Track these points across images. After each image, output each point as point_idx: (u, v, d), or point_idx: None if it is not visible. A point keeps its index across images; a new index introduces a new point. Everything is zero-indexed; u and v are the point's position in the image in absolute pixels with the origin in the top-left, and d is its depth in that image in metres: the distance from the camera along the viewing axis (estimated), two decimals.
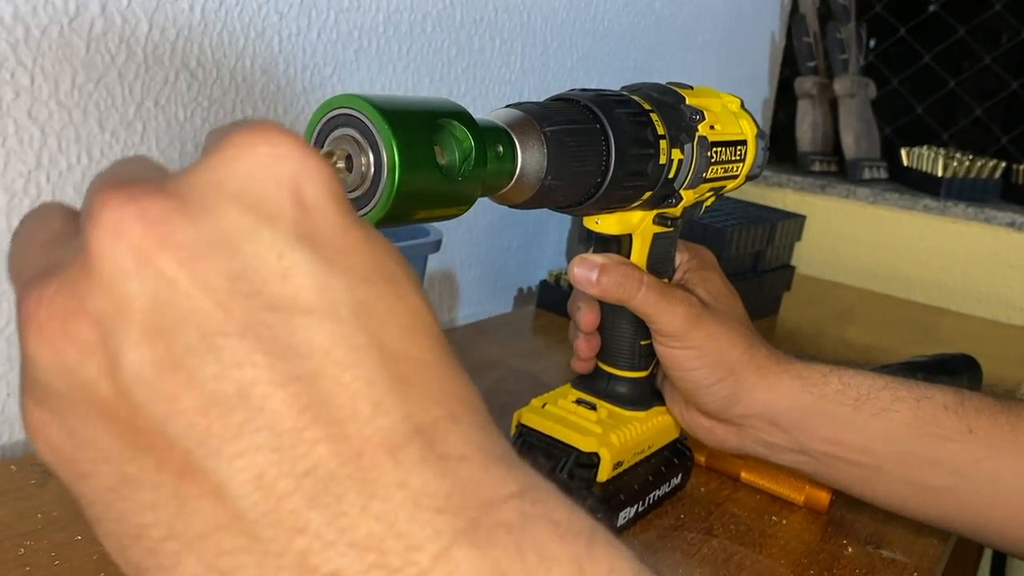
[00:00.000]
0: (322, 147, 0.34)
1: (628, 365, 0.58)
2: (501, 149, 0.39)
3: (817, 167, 1.55)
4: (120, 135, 0.60)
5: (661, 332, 0.53)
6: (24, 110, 0.55)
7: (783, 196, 1.51)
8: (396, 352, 0.20)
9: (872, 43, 1.67)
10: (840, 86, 1.50)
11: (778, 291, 1.14)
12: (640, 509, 0.57)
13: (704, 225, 0.98)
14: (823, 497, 0.62)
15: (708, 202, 0.60)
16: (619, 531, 0.55)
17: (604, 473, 0.55)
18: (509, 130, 0.41)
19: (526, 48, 0.97)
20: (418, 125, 0.34)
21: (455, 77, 0.88)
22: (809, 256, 1.40)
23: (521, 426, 0.58)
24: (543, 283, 1.01)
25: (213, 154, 0.20)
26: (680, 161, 0.51)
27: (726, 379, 0.53)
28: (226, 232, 0.19)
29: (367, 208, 0.34)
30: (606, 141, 0.45)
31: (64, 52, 0.56)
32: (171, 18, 0.61)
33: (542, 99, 0.47)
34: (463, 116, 0.37)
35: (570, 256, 1.13)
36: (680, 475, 0.62)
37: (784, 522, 0.61)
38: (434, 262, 0.94)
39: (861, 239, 1.45)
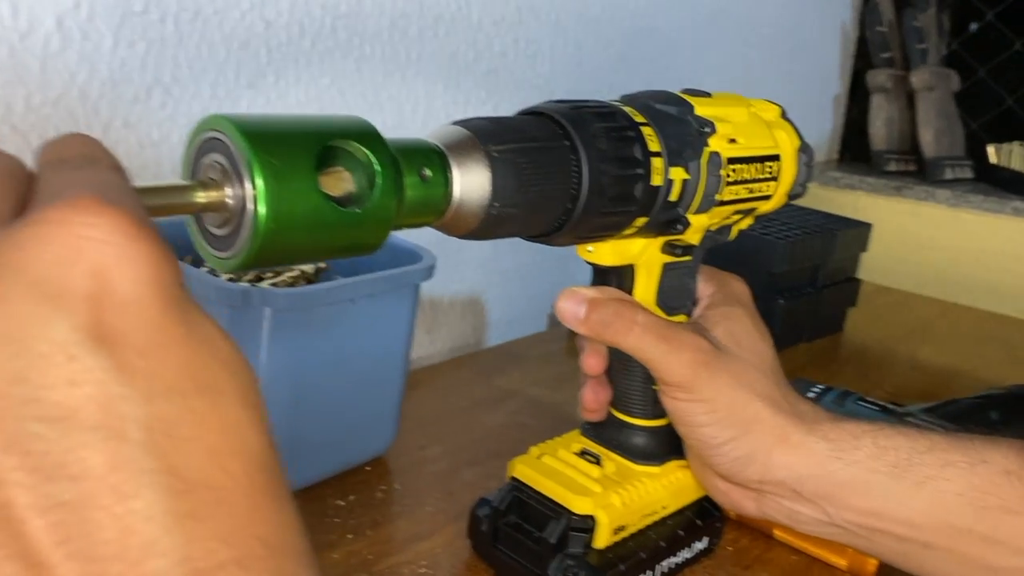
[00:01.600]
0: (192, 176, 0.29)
1: (642, 412, 0.51)
2: (429, 172, 0.33)
3: (892, 167, 1.43)
4: None
5: (663, 381, 0.46)
6: None
7: (854, 199, 1.39)
8: (192, 480, 0.18)
9: (956, 30, 1.53)
10: (918, 79, 1.38)
11: (841, 306, 1.04)
12: None
13: (754, 237, 0.89)
14: (870, 563, 0.54)
15: (741, 225, 0.52)
16: None
17: (602, 539, 0.48)
18: (444, 150, 0.35)
19: (555, 49, 0.90)
20: (296, 148, 0.28)
21: (474, 82, 0.82)
22: (881, 265, 1.28)
23: (513, 479, 0.51)
24: None
25: (23, 227, 0.18)
26: (684, 182, 0.44)
27: (739, 439, 0.45)
28: (14, 325, 0.17)
29: (232, 249, 0.28)
30: (577, 161, 0.38)
31: (16, 72, 0.52)
32: (140, 31, 0.57)
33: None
34: (367, 136, 0.30)
35: None
36: (706, 539, 0.54)
37: None
38: (454, 283, 0.88)
39: (941, 246, 1.33)
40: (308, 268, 0.63)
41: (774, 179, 0.50)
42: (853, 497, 0.44)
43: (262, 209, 0.27)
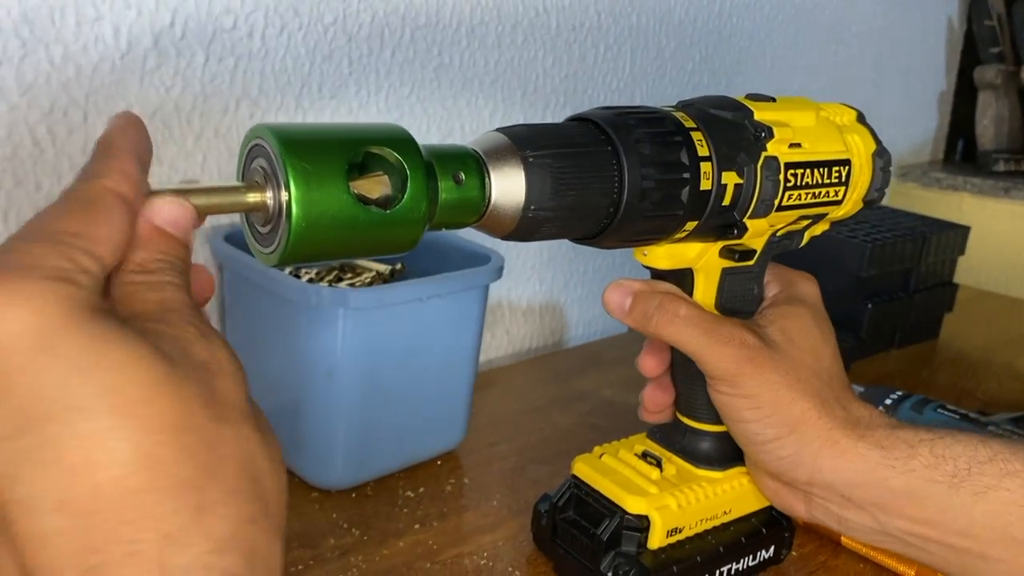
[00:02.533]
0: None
1: (707, 416, 0.51)
2: (463, 176, 0.35)
3: (1001, 167, 1.36)
4: (179, 166, 0.60)
5: (707, 374, 0.46)
6: (79, 147, 0.56)
7: (958, 200, 1.34)
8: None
9: None
10: None
11: (937, 312, 1.00)
12: None
13: (839, 240, 0.88)
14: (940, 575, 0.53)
15: (815, 231, 0.52)
16: None
17: (656, 540, 0.48)
18: (481, 155, 0.36)
19: (636, 53, 0.90)
20: (328, 154, 0.30)
21: (552, 88, 0.83)
22: (985, 269, 1.23)
23: (573, 476, 0.53)
24: None
25: None
26: (737, 186, 0.44)
27: (785, 438, 0.45)
28: None
29: (272, 246, 0.31)
30: (618, 166, 0.39)
31: (117, 88, 0.56)
32: (229, 47, 0.60)
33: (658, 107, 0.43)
34: (399, 142, 0.33)
35: None
36: (772, 548, 0.54)
37: None
38: (533, 284, 0.89)
39: None
40: (383, 268, 0.66)
41: (843, 184, 0.49)
42: (907, 506, 0.43)
43: (295, 210, 0.30)
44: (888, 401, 0.66)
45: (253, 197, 0.31)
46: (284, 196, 0.30)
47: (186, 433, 0.24)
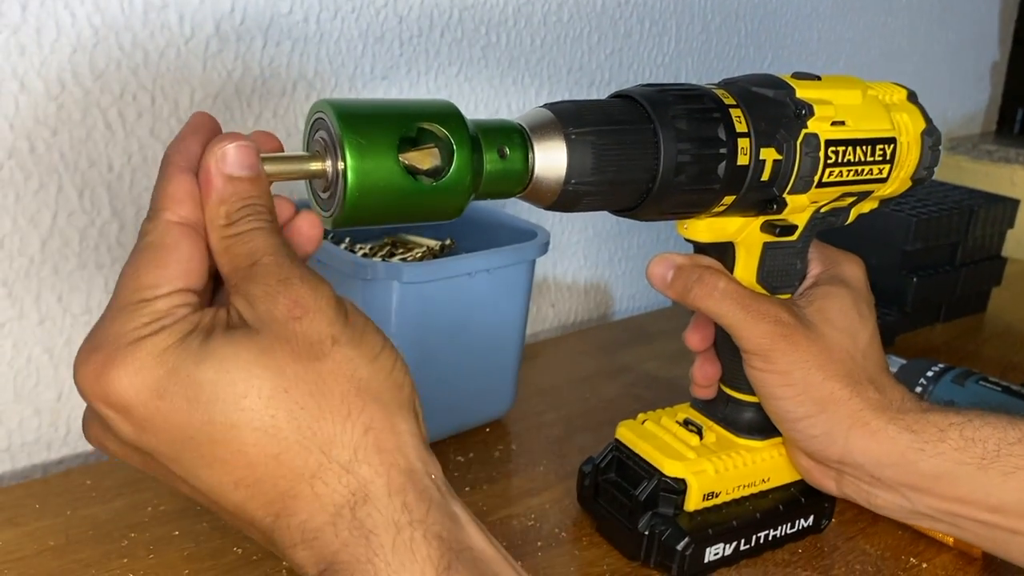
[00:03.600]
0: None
1: (748, 388, 0.52)
2: (508, 150, 0.38)
3: None
4: None
5: (742, 348, 0.48)
6: (147, 129, 0.59)
7: (1010, 173, 1.32)
8: None
9: None
10: None
11: (984, 285, 1.00)
12: (744, 547, 0.52)
13: (885, 215, 0.88)
14: None
15: (862, 208, 0.53)
16: (706, 567, 0.51)
17: (692, 502, 0.50)
18: (527, 130, 0.39)
19: (681, 27, 0.91)
20: (381, 128, 0.33)
21: (597, 64, 0.84)
22: None
23: (615, 440, 0.55)
24: None
25: None
26: (776, 162, 0.46)
27: (815, 416, 0.46)
28: None
29: (331, 210, 0.35)
30: (656, 141, 0.41)
31: (182, 72, 0.59)
32: (286, 31, 0.63)
33: (703, 83, 0.46)
34: (446, 117, 0.35)
35: None
36: (811, 517, 0.55)
37: (925, 565, 0.54)
38: (579, 259, 0.91)
39: None
40: (434, 244, 0.69)
41: (887, 162, 0.50)
42: (936, 487, 0.45)
43: (350, 178, 0.33)
44: (930, 373, 0.66)
45: (315, 165, 0.34)
46: (341, 165, 0.33)
47: (289, 392, 0.29)
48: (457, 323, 0.60)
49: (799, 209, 0.49)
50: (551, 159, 0.39)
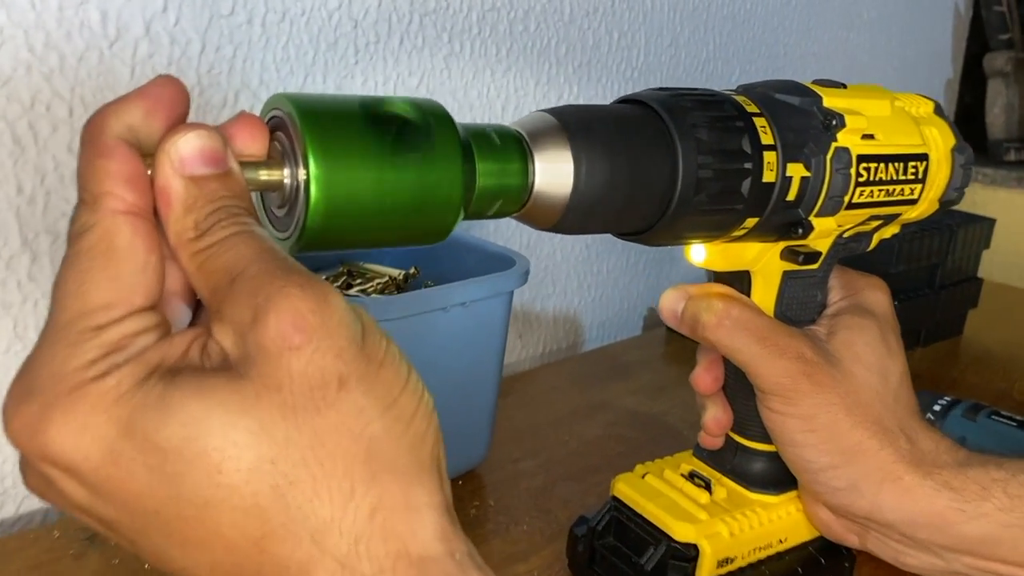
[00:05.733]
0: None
1: (760, 435, 0.46)
2: (504, 161, 0.31)
3: (1012, 156, 1.33)
4: None
5: (760, 389, 0.42)
6: (63, 145, 0.50)
7: (970, 192, 1.30)
8: None
9: None
10: None
11: (961, 308, 0.96)
12: None
13: None
14: None
15: (884, 233, 0.47)
16: None
17: (705, 571, 0.44)
18: (525, 137, 0.32)
19: (650, 40, 0.86)
20: (352, 127, 0.27)
21: (565, 78, 0.78)
22: (1003, 262, 1.20)
23: (613, 498, 0.48)
24: None
25: None
26: (804, 179, 0.40)
27: (841, 467, 0.41)
28: None
29: (288, 232, 0.28)
30: (672, 153, 0.35)
31: (105, 79, 0.51)
32: (227, 34, 0.55)
33: None
34: (436, 119, 0.29)
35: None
36: None
37: None
38: (546, 285, 0.85)
39: None
40: (396, 273, 0.61)
41: (919, 181, 0.44)
42: (978, 549, 0.39)
43: (315, 191, 0.26)
44: (937, 408, 0.62)
45: (267, 175, 0.26)
46: (303, 174, 0.26)
47: (277, 464, 0.22)
48: (427, 365, 0.52)
49: (825, 234, 0.43)
50: (554, 172, 0.33)
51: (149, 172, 0.24)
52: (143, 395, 0.22)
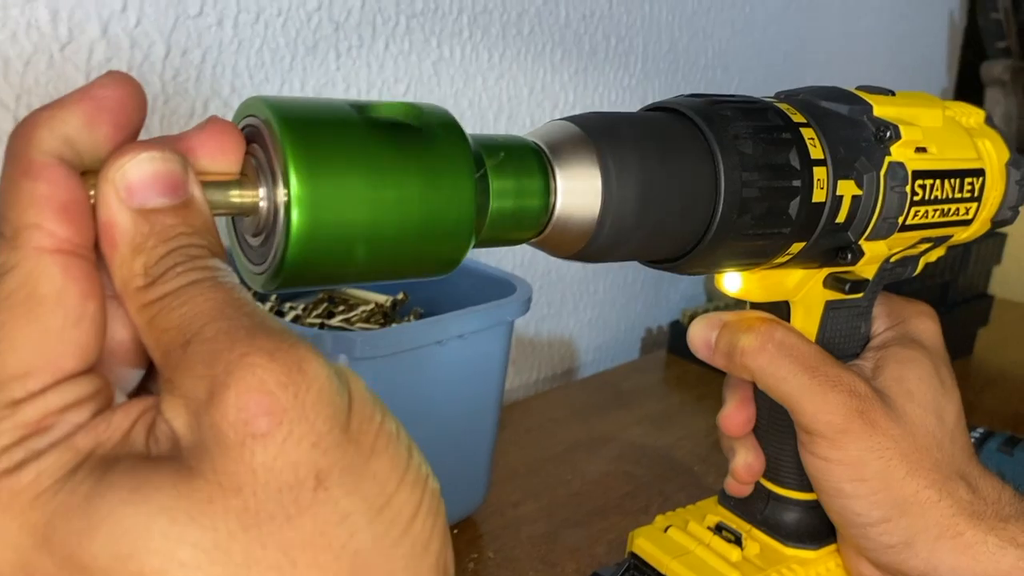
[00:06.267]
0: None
1: (796, 482, 0.41)
2: (520, 177, 0.26)
3: None
4: None
5: (802, 428, 0.37)
6: None
7: None
8: None
9: None
10: None
11: (972, 327, 0.92)
12: None
13: None
14: None
15: (930, 256, 0.43)
16: None
17: None
18: (545, 151, 0.27)
19: (649, 45, 0.81)
20: (343, 136, 0.22)
21: (560, 85, 0.73)
22: (1013, 279, 1.16)
23: (632, 555, 0.43)
24: (675, 325, 0.84)
25: None
26: (855, 199, 0.35)
27: (894, 522, 0.36)
28: None
29: (264, 263, 0.22)
30: (713, 169, 0.30)
31: (56, 86, 0.45)
32: (194, 37, 0.50)
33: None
34: (443, 128, 0.24)
35: (709, 290, 0.96)
36: None
37: None
38: (540, 308, 0.79)
39: None
40: (383, 300, 0.56)
41: (975, 200, 0.40)
42: None
43: (297, 215, 0.21)
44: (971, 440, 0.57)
45: (239, 196, 0.21)
46: (283, 195, 0.21)
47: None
48: (421, 403, 0.47)
49: (874, 260, 0.38)
50: (580, 191, 0.28)
51: (92, 197, 0.19)
52: (67, 494, 0.17)
